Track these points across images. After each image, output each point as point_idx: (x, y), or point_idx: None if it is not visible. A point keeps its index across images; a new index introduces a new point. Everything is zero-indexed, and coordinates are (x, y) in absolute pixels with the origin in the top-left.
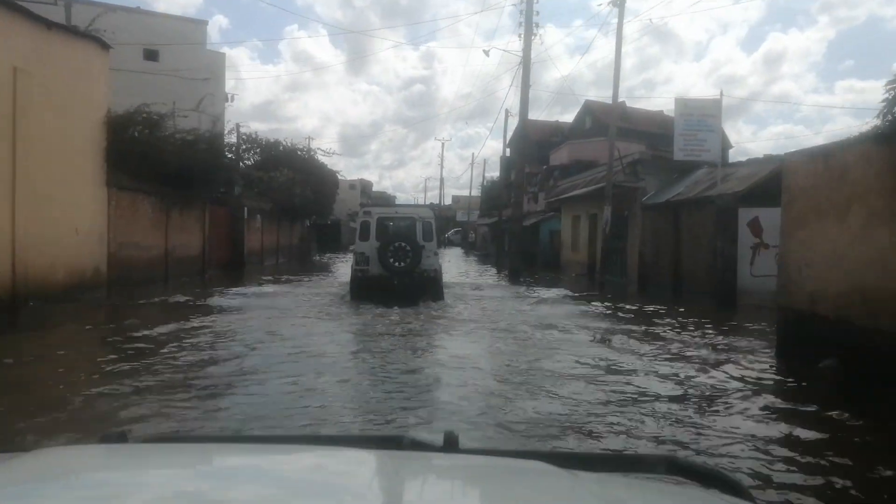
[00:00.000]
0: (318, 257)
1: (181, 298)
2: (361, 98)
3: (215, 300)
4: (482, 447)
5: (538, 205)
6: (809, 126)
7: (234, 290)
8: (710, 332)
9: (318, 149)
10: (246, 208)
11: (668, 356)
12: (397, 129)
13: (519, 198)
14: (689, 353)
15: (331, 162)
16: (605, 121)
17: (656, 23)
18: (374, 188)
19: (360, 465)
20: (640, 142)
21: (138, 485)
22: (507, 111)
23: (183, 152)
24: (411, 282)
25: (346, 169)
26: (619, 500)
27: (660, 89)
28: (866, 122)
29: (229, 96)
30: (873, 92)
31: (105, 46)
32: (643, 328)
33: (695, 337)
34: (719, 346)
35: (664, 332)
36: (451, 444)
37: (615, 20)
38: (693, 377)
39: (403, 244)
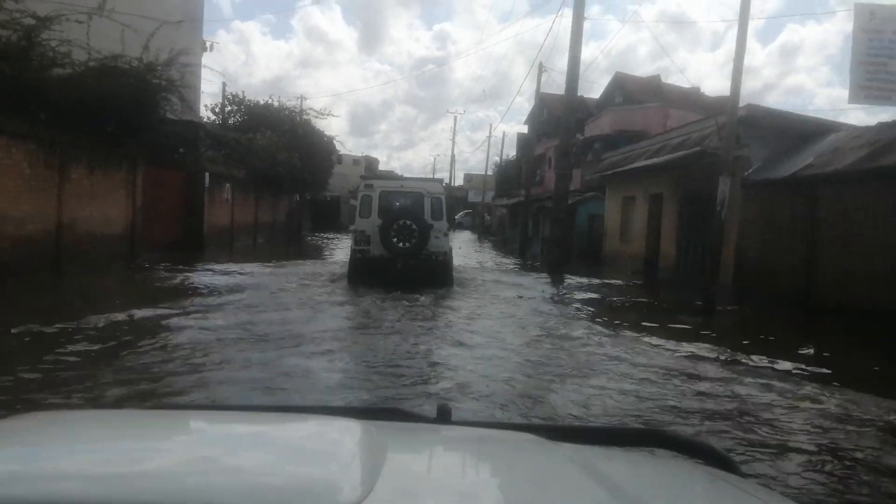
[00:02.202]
0: (311, 237)
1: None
2: (373, 77)
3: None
4: (474, 420)
5: (571, 184)
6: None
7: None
8: None
9: (311, 109)
10: (208, 174)
11: None
12: (407, 110)
13: (564, 168)
14: None
15: (326, 126)
16: (638, 97)
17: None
18: (382, 167)
19: (352, 434)
20: None
21: (143, 450)
22: (541, 65)
23: (88, 84)
24: (417, 265)
25: (355, 148)
26: (604, 472)
27: (673, 78)
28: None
29: (207, 44)
30: None
31: None
32: None
33: None
34: None
35: None
36: (443, 417)
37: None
38: None
39: (409, 222)
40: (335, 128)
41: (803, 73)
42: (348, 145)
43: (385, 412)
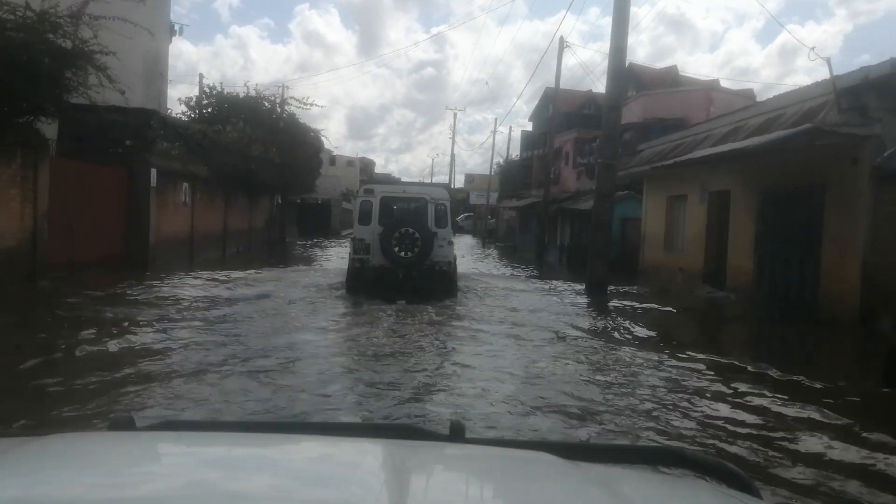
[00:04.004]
0: (298, 246)
1: None
2: (371, 80)
3: None
4: (488, 437)
5: (594, 181)
6: None
7: None
8: None
9: (292, 98)
10: (155, 171)
11: None
12: (405, 113)
13: (610, 157)
14: None
15: (324, 125)
16: (654, 89)
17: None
18: (380, 171)
19: (367, 455)
20: None
21: (148, 473)
22: (562, 39)
23: None
24: (419, 275)
25: (352, 152)
26: (622, 492)
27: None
28: None
29: (175, 27)
30: None
31: None
32: None
33: None
34: None
35: None
36: (457, 434)
37: None
38: None
39: (411, 230)
40: (332, 129)
41: (802, 73)
42: (346, 149)
43: (399, 429)
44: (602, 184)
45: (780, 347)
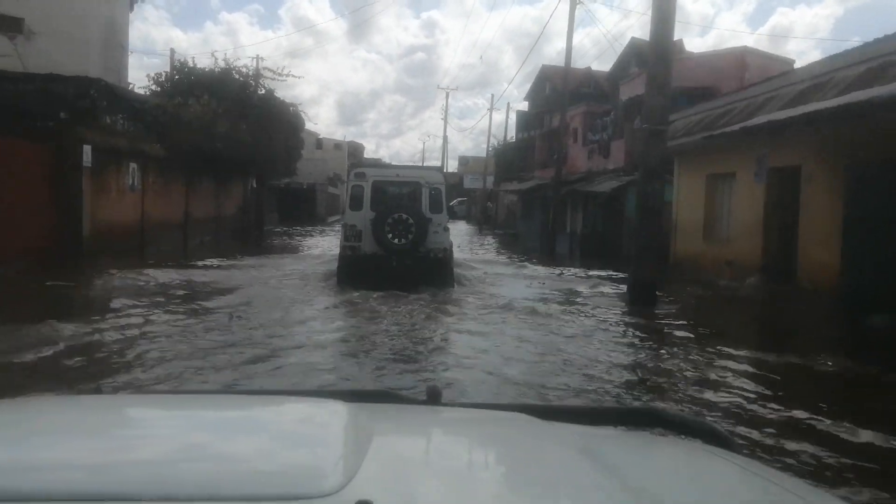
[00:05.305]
0: (278, 234)
1: None
2: (361, 66)
3: None
4: (465, 401)
5: (609, 160)
6: None
7: None
8: None
9: (266, 69)
10: (89, 148)
11: None
12: (396, 98)
13: (658, 120)
14: None
15: (295, 100)
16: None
17: None
18: (370, 155)
19: (339, 416)
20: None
21: (123, 437)
22: None
23: None
24: (413, 263)
25: (343, 137)
26: (597, 451)
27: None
28: None
29: None
30: None
31: None
32: None
33: None
34: None
35: None
36: (433, 399)
37: None
38: None
39: (405, 216)
40: (323, 115)
41: (793, 56)
42: (337, 134)
43: (375, 395)
44: (649, 157)
45: None
